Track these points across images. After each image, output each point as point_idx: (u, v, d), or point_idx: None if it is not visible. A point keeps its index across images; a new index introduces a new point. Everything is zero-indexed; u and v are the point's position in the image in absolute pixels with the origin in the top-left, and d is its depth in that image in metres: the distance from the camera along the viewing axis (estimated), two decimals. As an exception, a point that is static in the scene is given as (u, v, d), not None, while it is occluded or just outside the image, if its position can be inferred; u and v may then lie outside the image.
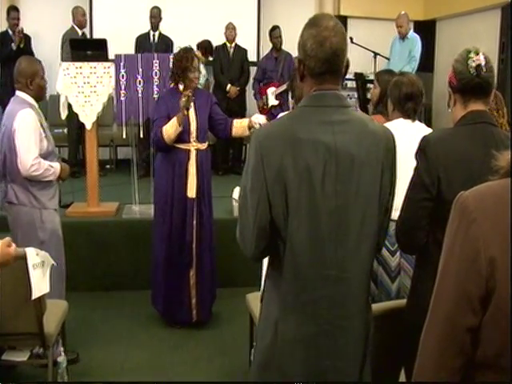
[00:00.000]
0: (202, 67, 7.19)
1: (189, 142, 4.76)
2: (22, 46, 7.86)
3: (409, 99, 3.66)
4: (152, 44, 8.43)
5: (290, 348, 2.16)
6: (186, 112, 4.58)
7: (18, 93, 4.25)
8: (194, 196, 4.80)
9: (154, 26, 8.59)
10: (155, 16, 8.56)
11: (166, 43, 8.50)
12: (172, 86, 4.94)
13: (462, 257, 1.41)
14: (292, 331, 2.15)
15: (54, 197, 4.38)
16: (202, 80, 7.25)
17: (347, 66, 2.21)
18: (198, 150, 4.79)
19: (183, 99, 4.53)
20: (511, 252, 1.33)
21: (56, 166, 4.30)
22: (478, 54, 2.44)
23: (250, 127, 4.84)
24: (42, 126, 4.23)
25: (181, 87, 4.74)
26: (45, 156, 4.23)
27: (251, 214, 2.10)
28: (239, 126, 4.92)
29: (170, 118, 4.64)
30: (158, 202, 4.92)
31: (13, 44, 7.88)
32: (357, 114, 2.20)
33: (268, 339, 2.20)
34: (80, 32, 8.27)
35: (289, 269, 2.12)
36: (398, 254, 3.60)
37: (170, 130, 4.60)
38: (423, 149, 2.48)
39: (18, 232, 4.22)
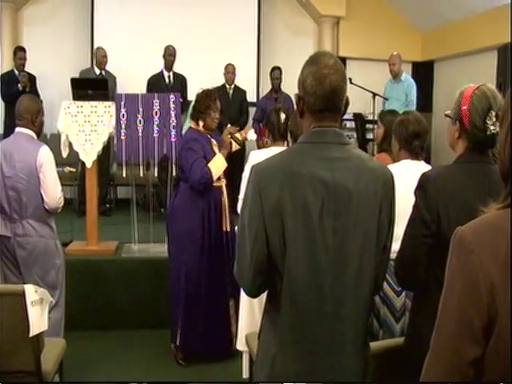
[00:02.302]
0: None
1: (220, 178, 4.89)
2: (27, 89, 7.93)
3: (415, 137, 3.64)
4: (168, 85, 8.31)
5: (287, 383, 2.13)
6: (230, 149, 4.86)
7: (21, 129, 4.34)
8: (229, 229, 4.93)
9: (169, 65, 8.48)
10: (171, 54, 8.44)
11: (180, 82, 8.42)
12: (189, 126, 5.02)
13: (462, 288, 1.41)
14: (289, 367, 2.12)
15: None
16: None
17: (347, 104, 2.22)
18: (225, 186, 4.97)
19: (228, 136, 4.83)
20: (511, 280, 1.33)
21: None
22: (498, 117, 2.43)
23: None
24: None
25: (200, 125, 4.83)
26: None
27: (249, 246, 2.08)
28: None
29: (205, 158, 4.74)
30: (194, 238, 4.85)
31: (19, 85, 7.96)
32: (356, 151, 2.20)
33: (265, 373, 2.17)
34: (98, 72, 8.40)
35: (286, 304, 2.10)
36: (403, 294, 3.57)
37: (218, 167, 4.76)
38: (423, 185, 2.48)
39: (36, 263, 4.32)
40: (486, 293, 1.36)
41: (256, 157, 4.14)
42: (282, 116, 4.28)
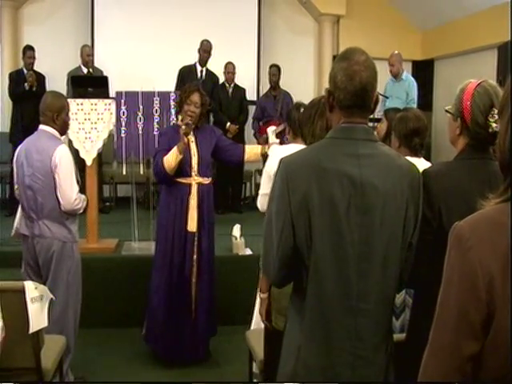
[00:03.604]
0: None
1: (190, 176, 4.77)
2: (34, 89, 7.95)
3: (415, 134, 3.64)
4: (199, 80, 8.21)
5: (311, 376, 2.15)
6: (186, 140, 4.62)
7: (43, 127, 4.28)
8: (194, 230, 4.78)
9: (203, 61, 8.46)
10: (207, 50, 8.42)
11: (212, 81, 8.35)
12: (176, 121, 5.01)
13: (461, 284, 1.40)
14: (314, 359, 2.15)
15: (78, 228, 4.48)
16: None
17: (376, 101, 2.22)
18: (199, 185, 4.80)
19: (183, 127, 4.61)
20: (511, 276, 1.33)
21: (85, 198, 4.43)
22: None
23: (263, 154, 4.97)
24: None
25: (179, 118, 4.80)
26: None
27: (275, 239, 2.12)
28: (252, 152, 5.02)
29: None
30: (160, 235, 4.90)
31: (26, 84, 7.95)
32: (384, 148, 2.22)
33: (290, 366, 2.20)
34: (85, 70, 8.38)
35: (312, 297, 2.13)
36: (403, 291, 3.56)
37: (171, 158, 4.62)
38: (424, 182, 2.47)
39: (51, 264, 4.27)
40: (485, 289, 1.35)
41: (277, 152, 4.16)
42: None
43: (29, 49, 8.34)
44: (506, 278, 1.33)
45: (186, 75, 8.36)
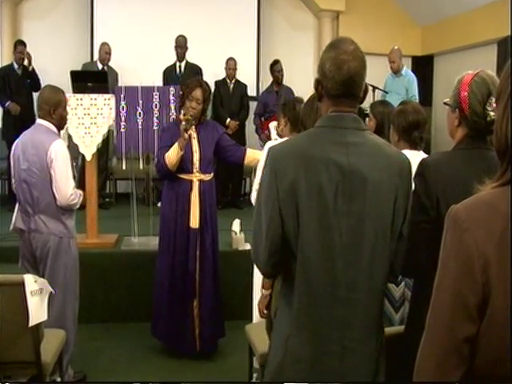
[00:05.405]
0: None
1: (191, 172, 4.77)
2: (30, 68, 8.01)
3: (415, 127, 3.63)
4: (178, 76, 8.29)
5: (299, 365, 2.15)
6: (186, 136, 4.60)
7: (40, 121, 4.26)
8: (196, 226, 4.79)
9: (180, 56, 8.50)
10: (181, 45, 8.47)
11: (193, 72, 8.30)
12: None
13: (457, 267, 1.41)
14: (302, 348, 2.15)
15: (74, 224, 4.46)
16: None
17: (366, 91, 2.22)
18: (200, 181, 4.80)
19: (183, 123, 4.58)
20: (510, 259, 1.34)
21: (81, 193, 4.40)
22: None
23: None
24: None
25: (182, 113, 4.77)
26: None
27: (264, 228, 2.12)
28: (253, 157, 4.91)
29: None
30: (162, 231, 4.90)
31: (17, 68, 7.97)
32: (372, 137, 2.22)
33: (279, 356, 2.20)
34: (100, 67, 8.45)
35: (300, 286, 2.13)
36: (402, 284, 3.56)
37: (172, 154, 4.61)
38: (422, 172, 2.47)
39: (48, 259, 4.25)
40: (480, 271, 1.37)
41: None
42: None
43: (20, 43, 8.31)
44: (501, 261, 1.35)
45: (168, 75, 8.45)
